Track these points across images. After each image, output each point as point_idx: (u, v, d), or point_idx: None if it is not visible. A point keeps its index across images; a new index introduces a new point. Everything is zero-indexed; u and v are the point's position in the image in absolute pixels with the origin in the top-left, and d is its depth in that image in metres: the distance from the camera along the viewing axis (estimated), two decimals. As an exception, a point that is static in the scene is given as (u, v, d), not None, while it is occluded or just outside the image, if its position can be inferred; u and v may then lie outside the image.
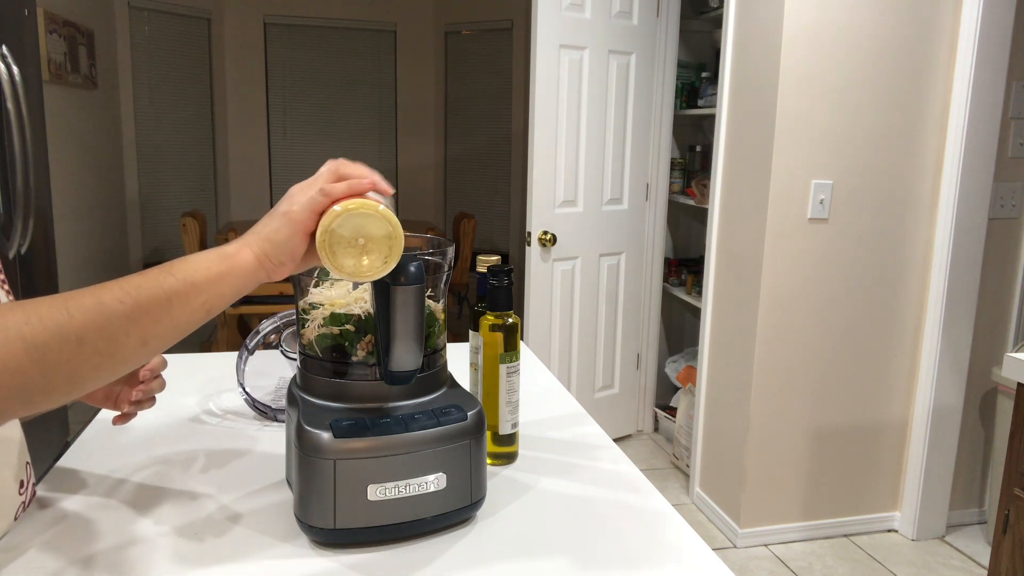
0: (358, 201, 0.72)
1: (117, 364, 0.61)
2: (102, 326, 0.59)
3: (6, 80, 1.90)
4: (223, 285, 0.67)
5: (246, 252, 0.70)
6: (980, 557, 2.51)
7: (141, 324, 0.62)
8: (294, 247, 0.72)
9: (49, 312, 0.58)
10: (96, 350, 0.59)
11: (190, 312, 0.65)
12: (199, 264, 0.66)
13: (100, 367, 0.60)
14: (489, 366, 0.99)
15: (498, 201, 5.73)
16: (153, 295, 0.63)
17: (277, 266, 0.71)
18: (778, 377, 2.49)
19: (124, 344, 0.61)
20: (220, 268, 0.67)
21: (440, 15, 5.82)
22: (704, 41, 3.48)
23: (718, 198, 2.67)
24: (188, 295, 0.64)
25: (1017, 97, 2.49)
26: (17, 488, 0.81)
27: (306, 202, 0.72)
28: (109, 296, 0.61)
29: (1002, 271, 2.61)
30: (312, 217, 0.72)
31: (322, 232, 0.71)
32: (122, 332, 0.60)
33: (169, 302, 0.63)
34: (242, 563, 0.76)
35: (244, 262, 0.69)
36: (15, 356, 0.55)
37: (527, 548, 0.81)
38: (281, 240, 0.71)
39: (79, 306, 0.59)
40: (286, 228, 0.71)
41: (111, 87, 4.74)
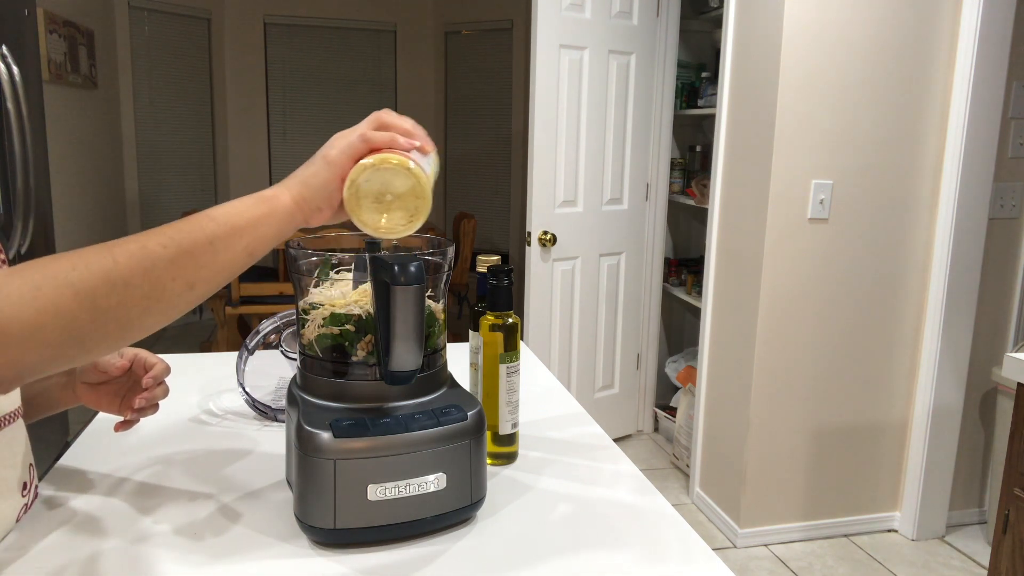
0: (390, 155, 0.71)
1: (165, 308, 0.62)
2: (148, 270, 0.60)
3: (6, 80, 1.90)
4: (263, 227, 0.67)
5: (284, 195, 0.69)
6: (980, 557, 2.51)
7: (186, 268, 0.62)
8: (331, 192, 0.71)
9: (95, 258, 0.59)
10: (143, 294, 0.60)
11: (233, 255, 0.65)
12: (239, 208, 0.67)
13: (148, 311, 0.61)
14: (489, 366, 0.99)
15: (498, 201, 5.73)
16: (195, 239, 0.63)
17: (314, 211, 0.71)
18: (778, 377, 2.49)
19: (170, 288, 0.62)
20: (259, 211, 0.67)
21: (440, 15, 5.82)
22: (704, 41, 3.48)
23: (718, 198, 2.67)
24: (230, 238, 0.65)
25: (1017, 97, 2.49)
26: (20, 490, 0.81)
27: (344, 146, 0.72)
28: (153, 242, 0.61)
29: (1002, 271, 2.61)
30: (349, 162, 0.71)
31: (349, 184, 0.70)
32: (168, 276, 0.61)
33: (212, 246, 0.64)
34: (242, 563, 0.76)
35: (282, 205, 0.69)
36: (66, 303, 0.56)
37: (527, 548, 0.81)
38: (318, 184, 0.71)
39: (124, 252, 0.60)
40: (324, 172, 0.71)
41: (111, 87, 4.74)
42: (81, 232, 4.09)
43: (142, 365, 0.92)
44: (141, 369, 0.92)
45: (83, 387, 0.92)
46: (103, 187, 4.53)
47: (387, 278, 0.75)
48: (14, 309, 0.55)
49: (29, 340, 0.56)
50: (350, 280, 0.86)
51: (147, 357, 0.92)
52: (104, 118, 4.56)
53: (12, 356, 0.56)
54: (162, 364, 0.91)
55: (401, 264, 0.74)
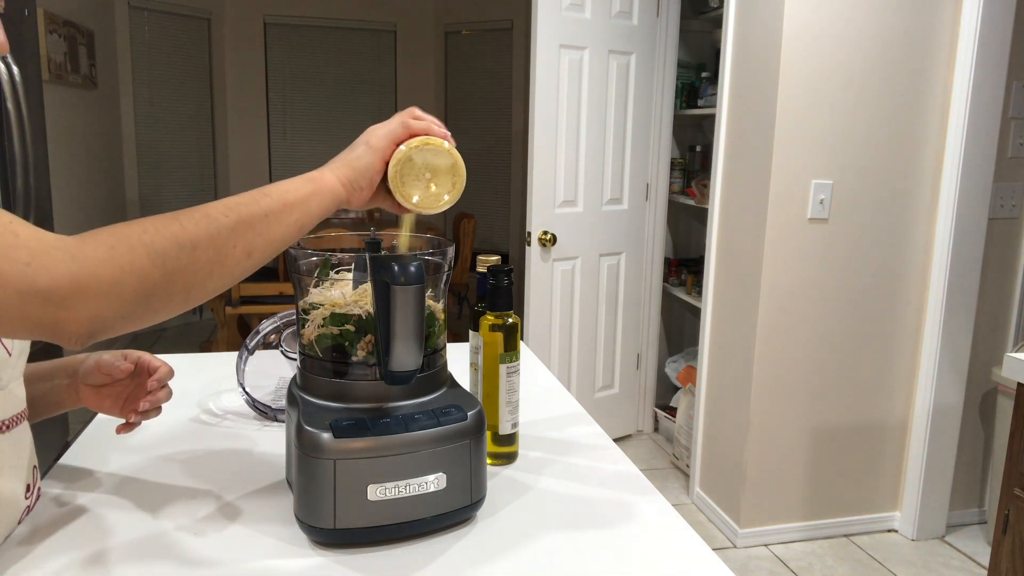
0: (430, 138, 0.81)
1: (226, 273, 0.67)
2: (212, 236, 0.65)
3: (6, 80, 1.90)
4: (312, 204, 0.73)
5: (329, 175, 0.76)
6: (980, 557, 2.51)
7: (245, 236, 0.67)
8: (373, 173, 0.79)
9: (164, 223, 0.64)
10: (208, 258, 0.65)
11: (285, 227, 0.71)
12: (289, 187, 0.73)
13: (212, 275, 0.66)
14: (489, 366, 0.99)
15: (498, 201, 5.73)
16: (252, 211, 0.69)
17: (356, 190, 0.78)
18: (778, 377, 2.49)
19: (231, 254, 0.67)
20: (308, 189, 0.74)
21: (440, 15, 5.82)
22: (704, 41, 3.48)
23: (718, 198, 2.67)
24: (282, 213, 0.71)
25: (1017, 97, 2.49)
26: (24, 493, 0.81)
27: (385, 133, 0.80)
28: (215, 211, 0.67)
29: (1002, 271, 2.61)
30: (391, 146, 0.80)
31: (395, 162, 0.79)
32: (229, 243, 0.66)
33: (267, 218, 0.69)
34: (242, 563, 0.76)
35: (328, 184, 0.75)
36: (140, 261, 0.61)
37: (527, 548, 0.81)
38: (362, 166, 0.78)
39: (190, 219, 0.65)
40: (367, 155, 0.79)
41: (111, 87, 4.74)
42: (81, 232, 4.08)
43: (145, 368, 0.92)
44: (145, 372, 0.92)
45: (86, 389, 0.92)
46: (103, 187, 4.53)
47: (387, 278, 0.75)
48: (93, 266, 0.59)
49: (107, 295, 0.59)
50: (350, 280, 0.86)
51: (151, 360, 0.93)
52: (104, 118, 4.56)
53: (92, 311, 0.59)
54: (166, 367, 0.91)
55: (401, 264, 0.74)
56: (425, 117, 0.83)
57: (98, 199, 4.42)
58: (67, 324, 0.59)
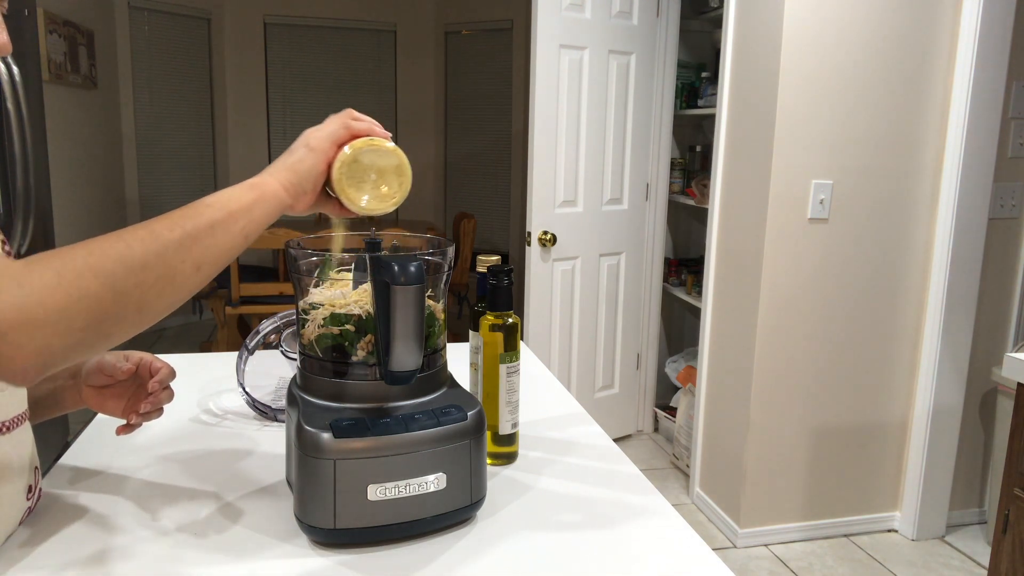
0: (373, 138, 0.79)
1: (177, 289, 0.65)
2: (160, 253, 0.64)
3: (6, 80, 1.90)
4: (256, 211, 0.72)
5: (271, 181, 0.74)
6: (980, 557, 2.51)
7: (192, 250, 0.66)
8: (316, 176, 0.77)
9: (109, 244, 0.62)
10: (157, 276, 0.63)
11: (232, 237, 0.70)
12: (231, 195, 0.71)
13: (163, 293, 0.64)
14: (489, 366, 0.99)
15: (498, 201, 5.73)
16: (198, 223, 0.67)
17: (300, 195, 0.76)
18: (778, 377, 2.49)
19: (181, 270, 0.65)
20: (251, 196, 0.72)
21: (440, 15, 5.82)
22: (704, 41, 3.48)
23: (718, 198, 2.67)
24: (227, 222, 0.69)
25: (1017, 97, 2.49)
26: (26, 493, 0.81)
27: (327, 135, 0.78)
28: (160, 227, 0.65)
29: (1002, 271, 2.61)
30: (333, 148, 0.78)
31: (340, 164, 0.77)
32: (178, 258, 0.65)
33: (213, 229, 0.68)
34: (242, 563, 0.76)
35: (271, 190, 0.74)
36: (88, 286, 0.59)
37: (527, 548, 0.81)
38: (304, 169, 0.76)
39: (135, 237, 0.63)
40: (309, 158, 0.77)
41: (111, 87, 4.74)
42: (81, 232, 4.08)
43: (147, 369, 0.92)
44: (146, 373, 0.92)
45: (88, 390, 0.92)
46: (103, 187, 4.53)
47: (387, 278, 0.75)
48: (39, 295, 0.56)
49: (56, 325, 0.57)
50: (350, 280, 0.86)
51: (152, 361, 0.93)
52: (104, 118, 4.56)
53: (41, 343, 0.57)
54: (167, 368, 0.91)
55: (401, 264, 0.74)
56: (364, 118, 0.81)
57: (98, 199, 4.42)
58: (14, 358, 0.55)
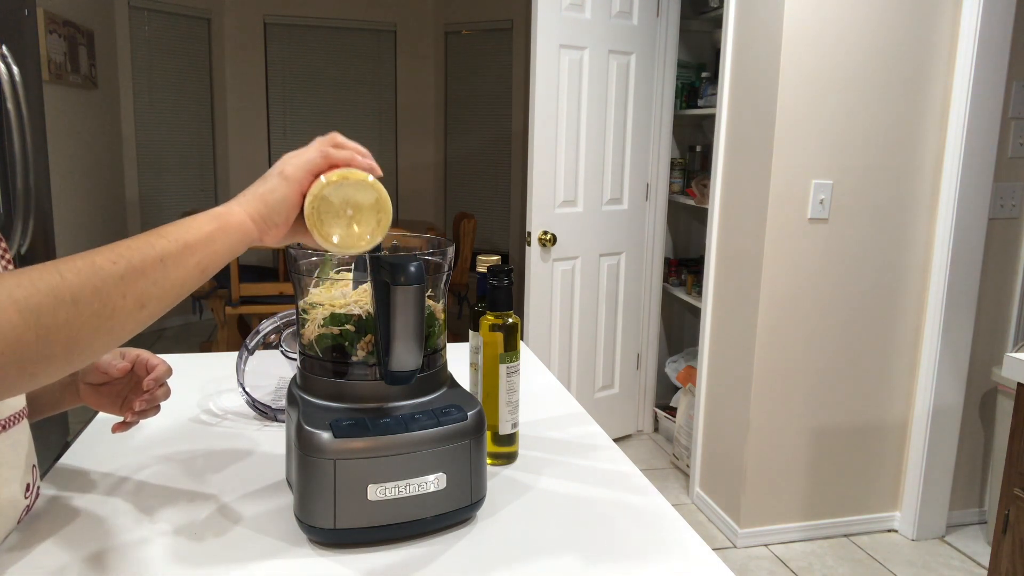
0: (350, 171, 0.72)
1: (115, 328, 0.60)
2: (97, 287, 0.58)
3: (6, 80, 1.90)
4: (216, 244, 0.66)
5: (237, 211, 0.69)
6: (980, 557, 2.51)
7: (136, 285, 0.60)
8: (288, 208, 0.71)
9: (41, 275, 0.56)
10: (92, 312, 0.58)
11: (185, 272, 0.64)
12: (190, 225, 0.66)
13: (98, 330, 0.58)
14: (489, 366, 0.99)
15: (498, 201, 5.73)
16: (146, 256, 0.61)
17: (271, 227, 0.70)
18: (778, 377, 2.49)
19: (120, 306, 0.59)
20: (211, 227, 0.66)
21: (440, 15, 5.82)
22: (704, 41, 3.48)
23: (718, 198, 2.67)
24: (181, 255, 0.63)
25: (1017, 97, 2.48)
26: (23, 492, 0.81)
27: (303, 163, 0.71)
28: (102, 258, 0.59)
29: (1002, 271, 2.61)
30: (308, 178, 0.71)
31: (312, 198, 0.70)
32: (118, 293, 0.59)
33: (163, 263, 0.62)
34: (242, 563, 0.76)
35: (236, 220, 0.68)
36: (9, 320, 0.53)
37: (527, 548, 0.81)
38: (275, 200, 0.70)
39: (71, 268, 0.58)
40: (281, 187, 0.70)
41: (111, 87, 4.74)
42: (81, 232, 4.09)
43: (144, 366, 0.91)
44: (143, 370, 0.91)
45: (85, 387, 0.92)
46: (103, 187, 4.53)
47: (387, 278, 0.75)
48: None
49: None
50: (350, 280, 0.86)
51: (148, 358, 0.92)
52: (104, 118, 4.56)
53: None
54: (164, 365, 0.91)
55: (401, 264, 0.74)
56: (348, 144, 0.75)
57: (98, 199, 4.42)
58: None
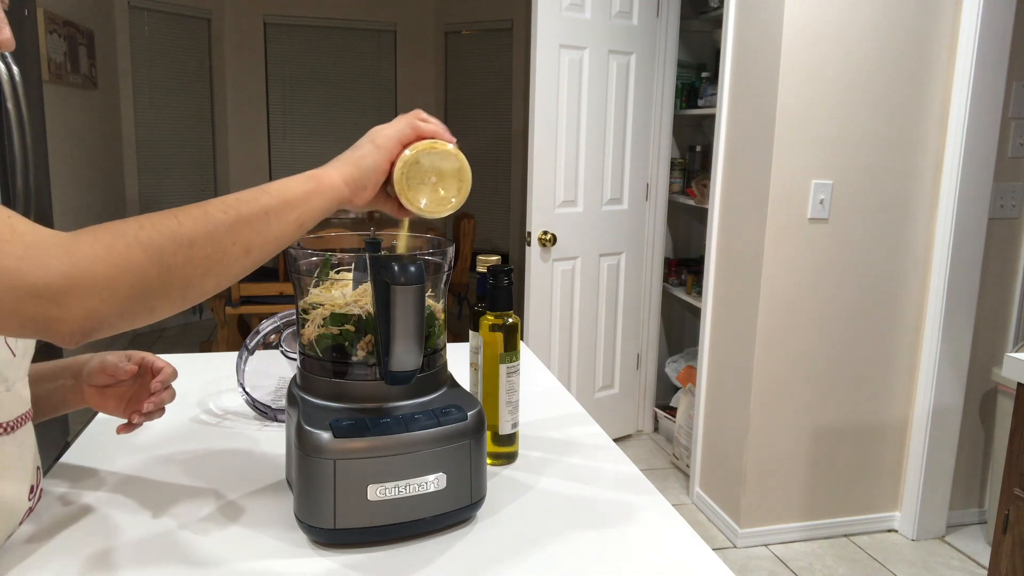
0: (436, 141, 0.79)
1: (224, 271, 0.66)
2: (210, 233, 0.64)
3: (6, 80, 1.90)
4: (313, 202, 0.72)
5: (332, 173, 0.75)
6: (980, 557, 2.51)
7: (243, 234, 0.66)
8: (379, 174, 0.78)
9: (161, 220, 0.63)
10: (206, 255, 0.64)
11: (285, 225, 0.70)
12: (291, 184, 0.72)
13: (209, 272, 0.65)
14: (489, 366, 0.99)
15: (498, 201, 5.73)
16: (252, 209, 0.68)
17: (360, 190, 0.77)
18: (778, 377, 2.49)
19: (230, 251, 0.66)
20: (309, 187, 0.72)
21: (440, 15, 5.82)
22: (704, 41, 3.48)
23: (718, 198, 2.67)
24: (282, 210, 0.70)
25: (1017, 97, 2.48)
26: (27, 495, 0.81)
27: (394, 133, 0.78)
28: (213, 208, 0.66)
29: (1002, 271, 2.61)
30: (398, 147, 0.78)
31: (403, 164, 0.78)
32: (228, 240, 0.65)
33: (267, 216, 0.68)
34: (242, 563, 0.76)
35: (330, 182, 0.74)
36: (136, 258, 0.60)
37: (527, 548, 0.81)
38: (368, 165, 0.77)
39: (187, 215, 0.64)
40: (373, 154, 0.77)
41: (111, 87, 4.74)
42: (81, 232, 4.08)
43: (149, 369, 0.93)
44: (148, 373, 0.93)
45: (90, 389, 0.92)
46: (103, 187, 4.53)
47: (387, 278, 0.75)
48: (88, 263, 0.58)
49: (102, 292, 0.59)
50: (350, 280, 0.86)
51: (154, 361, 0.93)
52: (104, 118, 4.56)
53: (87, 308, 0.59)
54: (169, 368, 0.92)
55: (401, 264, 0.74)
56: (432, 120, 0.81)
57: (98, 199, 4.42)
58: (61, 321, 0.58)
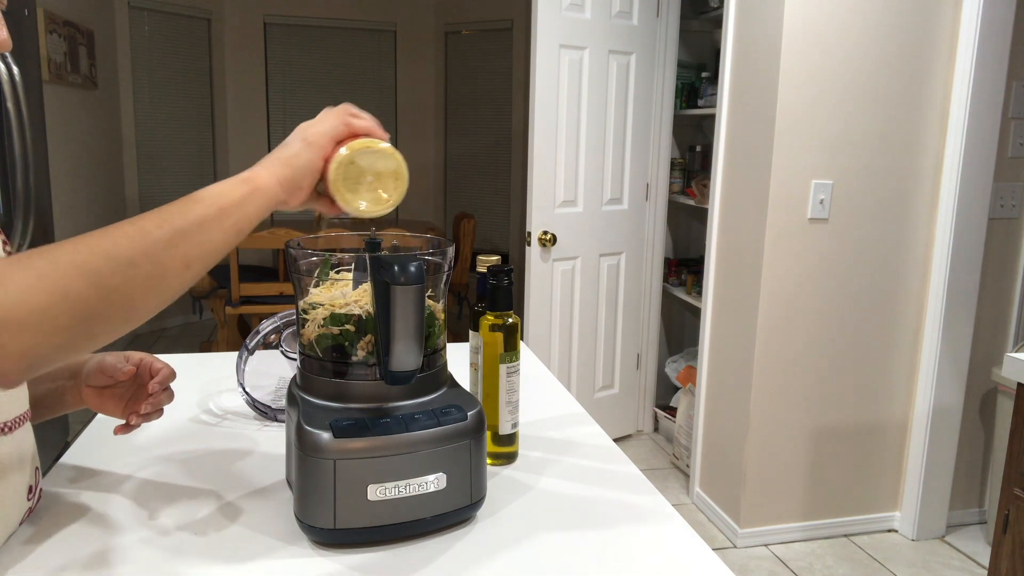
0: (372, 140, 0.77)
1: (165, 287, 0.64)
2: (147, 250, 0.62)
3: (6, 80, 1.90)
4: (248, 207, 0.70)
5: (264, 174, 0.72)
6: (980, 557, 2.51)
7: (181, 247, 0.65)
8: (313, 173, 0.75)
9: (96, 241, 0.61)
10: (146, 273, 0.62)
11: (223, 234, 0.68)
12: (222, 190, 0.69)
13: (150, 291, 0.63)
14: (489, 366, 0.99)
15: (498, 201, 5.73)
16: (187, 220, 0.66)
17: (295, 191, 0.74)
18: (778, 377, 2.49)
19: (169, 267, 0.64)
20: (242, 191, 0.70)
21: (440, 15, 5.82)
22: (704, 41, 3.48)
23: (718, 198, 2.67)
24: (218, 218, 0.68)
25: (1017, 97, 2.48)
26: (26, 495, 0.81)
27: (327, 130, 0.75)
28: (148, 224, 0.64)
29: (1002, 271, 2.61)
30: (331, 144, 0.76)
31: (338, 165, 0.75)
32: (166, 255, 0.64)
33: (202, 226, 0.66)
34: (242, 563, 0.76)
35: (264, 184, 0.72)
36: (72, 284, 0.58)
37: (527, 548, 0.81)
38: (301, 164, 0.74)
39: (122, 234, 0.62)
40: (305, 152, 0.74)
41: (111, 87, 4.74)
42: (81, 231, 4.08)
43: (147, 370, 0.92)
44: (147, 374, 0.92)
45: (89, 390, 0.92)
46: (103, 187, 4.53)
47: (387, 278, 0.75)
48: (22, 294, 0.55)
49: (39, 325, 0.56)
50: (350, 280, 0.86)
51: (153, 362, 0.93)
52: (104, 118, 4.56)
53: (24, 344, 0.56)
54: (167, 369, 0.91)
55: (401, 264, 0.74)
56: (364, 115, 0.79)
57: (98, 199, 4.42)
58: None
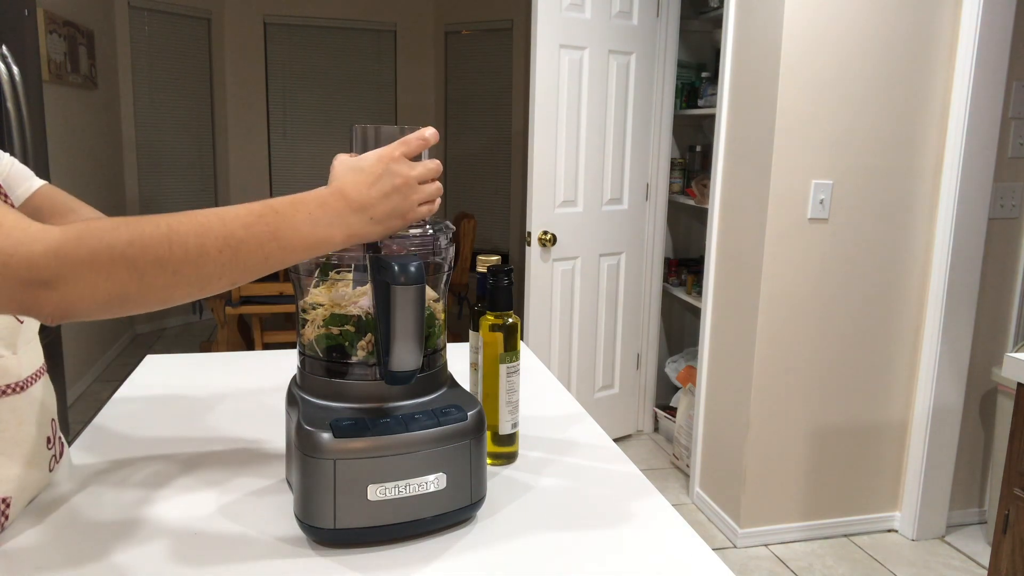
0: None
1: (204, 293, 0.69)
2: (199, 267, 0.66)
3: (6, 80, 1.90)
4: (309, 254, 0.73)
5: (338, 235, 0.73)
6: (980, 557, 2.51)
7: (233, 274, 0.68)
8: (371, 240, 0.77)
9: (152, 241, 0.64)
10: (188, 282, 0.66)
11: (273, 266, 0.71)
12: (298, 235, 0.71)
13: (190, 295, 0.68)
14: (489, 366, 0.99)
15: (498, 201, 5.73)
16: (253, 255, 0.69)
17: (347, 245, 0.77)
18: (778, 377, 2.49)
19: (215, 284, 0.68)
20: (312, 242, 0.72)
21: (440, 15, 5.82)
22: (704, 41, 3.48)
23: (718, 198, 2.67)
24: (282, 260, 0.71)
25: (1017, 97, 2.48)
26: (45, 443, 0.85)
27: (390, 210, 0.75)
28: (211, 244, 0.66)
29: (1002, 271, 2.61)
30: (399, 222, 0.77)
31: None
32: (215, 276, 0.67)
33: (265, 262, 0.70)
34: (242, 563, 0.76)
35: (332, 241, 0.73)
36: (118, 272, 0.63)
37: (527, 548, 0.81)
38: (369, 234, 0.76)
39: (181, 244, 0.65)
40: (378, 231, 0.76)
41: (111, 87, 4.74)
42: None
43: None
44: None
45: None
46: (103, 187, 4.53)
47: (387, 278, 0.75)
48: (70, 268, 0.61)
49: (81, 293, 0.62)
50: (350, 280, 0.86)
51: None
52: (104, 118, 4.56)
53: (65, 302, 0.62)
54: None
55: (401, 264, 0.74)
56: (421, 169, 0.77)
57: (98, 199, 4.42)
58: (41, 307, 0.62)
